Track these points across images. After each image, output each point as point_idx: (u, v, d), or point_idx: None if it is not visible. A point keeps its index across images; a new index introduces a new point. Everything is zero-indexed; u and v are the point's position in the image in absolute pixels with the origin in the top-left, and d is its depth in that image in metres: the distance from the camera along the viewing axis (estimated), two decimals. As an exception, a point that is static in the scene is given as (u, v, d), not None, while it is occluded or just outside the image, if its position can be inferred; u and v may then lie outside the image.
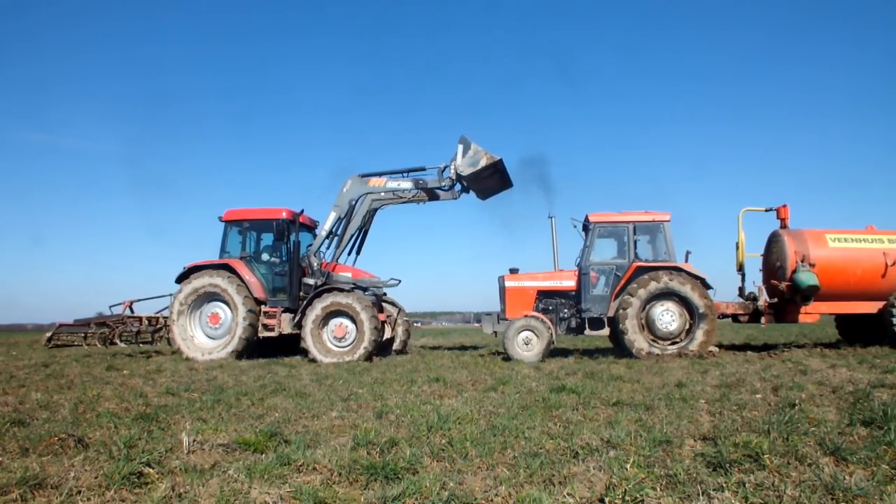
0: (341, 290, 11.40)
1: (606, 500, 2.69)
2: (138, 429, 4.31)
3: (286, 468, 3.26)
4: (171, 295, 12.60)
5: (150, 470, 3.19)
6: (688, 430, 4.10)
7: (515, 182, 12.47)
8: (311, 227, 13.28)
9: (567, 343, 15.06)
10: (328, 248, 12.46)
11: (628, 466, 3.10)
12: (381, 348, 12.35)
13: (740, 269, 12.11)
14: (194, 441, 3.77)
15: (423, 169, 12.01)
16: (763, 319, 11.70)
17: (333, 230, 12.19)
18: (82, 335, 19.49)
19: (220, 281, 11.67)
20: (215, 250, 12.68)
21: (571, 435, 3.95)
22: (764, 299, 11.74)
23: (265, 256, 12.60)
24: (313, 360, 10.84)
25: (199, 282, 11.77)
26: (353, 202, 12.08)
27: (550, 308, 11.46)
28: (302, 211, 12.54)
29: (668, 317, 10.64)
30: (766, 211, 12.22)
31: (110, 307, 19.16)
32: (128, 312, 18.41)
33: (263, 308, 11.85)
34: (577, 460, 3.36)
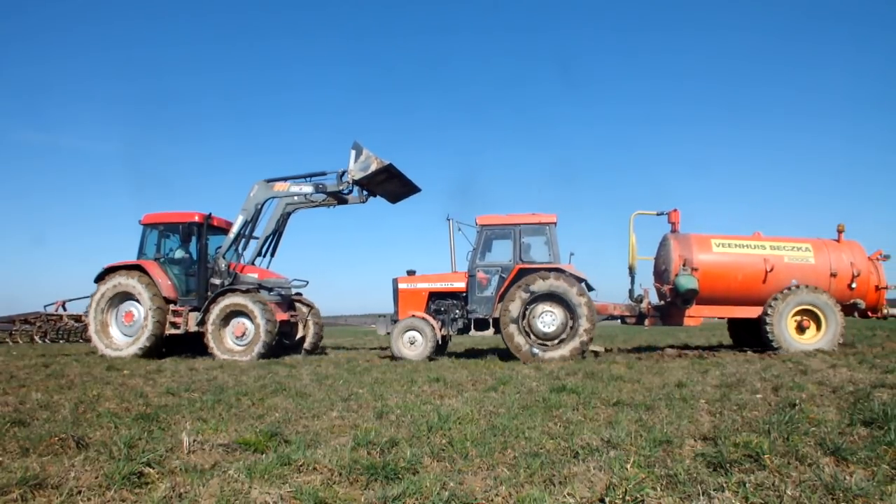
0: (241, 291, 11.92)
1: (607, 500, 2.69)
2: (139, 429, 4.31)
3: (286, 468, 3.26)
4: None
5: (151, 470, 3.19)
6: (688, 430, 4.10)
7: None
8: (225, 230, 13.61)
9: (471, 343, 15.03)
10: (243, 249, 13.13)
11: (629, 466, 3.10)
12: (292, 347, 13.16)
13: (631, 271, 12.21)
14: (195, 441, 3.77)
15: (325, 174, 12.56)
16: (647, 321, 11.87)
17: (242, 233, 12.82)
18: (8, 332, 19.72)
19: (131, 281, 12.31)
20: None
21: (572, 435, 3.95)
22: (647, 301, 11.87)
23: (179, 258, 13.20)
24: (212, 357, 11.52)
25: (114, 282, 12.39)
26: (259, 206, 12.77)
27: (442, 309, 11.67)
28: (209, 214, 13.05)
29: (548, 318, 10.79)
30: (658, 215, 12.33)
31: (45, 306, 19.62)
32: (61, 311, 18.71)
33: (172, 307, 12.39)
34: (577, 460, 3.36)
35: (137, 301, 12.36)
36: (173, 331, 12.30)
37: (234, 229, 12.74)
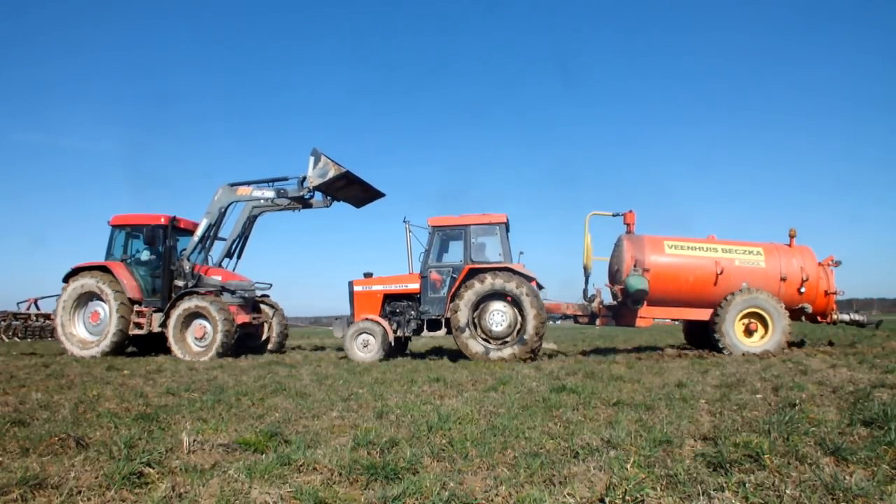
0: (200, 294, 12.17)
1: (607, 500, 2.69)
2: (139, 429, 4.31)
3: (286, 468, 3.26)
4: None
5: (151, 470, 3.19)
6: (688, 430, 4.10)
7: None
8: (192, 232, 13.73)
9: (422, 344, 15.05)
10: (208, 252, 13.41)
11: (629, 466, 3.10)
12: (257, 348, 13.39)
13: (585, 271, 12.26)
14: (195, 441, 3.77)
15: (287, 179, 12.83)
16: (598, 321, 11.93)
17: (206, 235, 13.10)
18: None
19: (97, 282, 12.57)
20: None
21: (572, 435, 3.95)
22: (598, 301, 11.92)
23: (145, 259, 13.43)
24: (175, 356, 11.77)
25: (81, 282, 12.64)
26: (223, 209, 13.06)
27: (397, 311, 11.77)
28: (174, 217, 13.24)
29: (498, 317, 10.89)
30: (614, 216, 12.38)
31: (17, 304, 19.80)
32: (33, 309, 18.84)
33: (136, 307, 12.65)
34: (577, 460, 3.36)
35: (103, 301, 12.62)
36: (137, 331, 12.56)
37: (198, 232, 13.03)
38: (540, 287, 11.12)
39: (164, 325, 12.21)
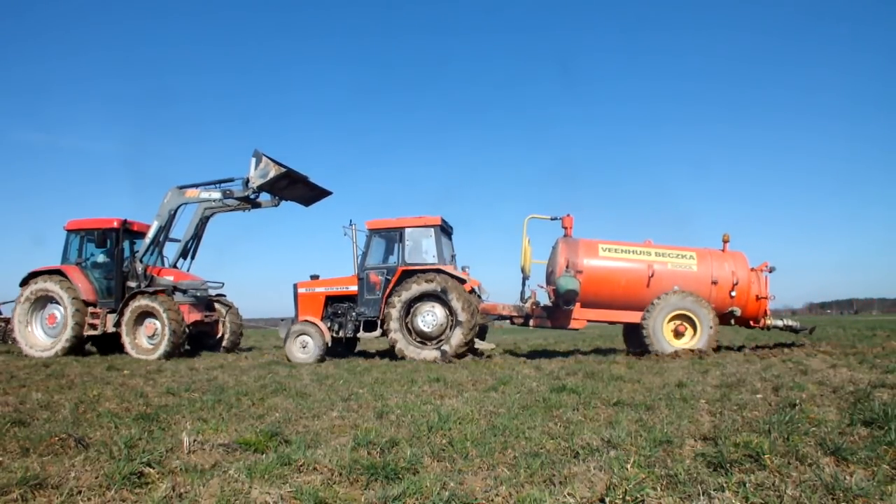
0: (149, 294, 12.42)
1: (607, 500, 2.69)
2: (139, 429, 4.31)
3: (287, 468, 3.26)
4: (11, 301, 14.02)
5: (151, 470, 3.19)
6: (688, 430, 4.10)
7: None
8: (144, 234, 13.96)
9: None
10: (160, 253, 13.70)
11: (629, 466, 3.09)
12: (212, 346, 13.85)
13: (523, 272, 12.31)
14: (195, 441, 3.77)
15: (232, 180, 12.96)
16: (532, 322, 12.04)
17: (157, 237, 13.30)
18: None
19: (52, 285, 12.85)
20: (218, 245, 13.68)
21: (572, 435, 3.95)
22: (532, 302, 12.03)
23: (99, 262, 13.65)
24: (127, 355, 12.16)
25: (37, 286, 12.94)
26: (173, 212, 13.25)
27: (339, 312, 11.94)
28: (126, 220, 13.47)
29: (429, 317, 11.13)
30: (552, 220, 12.43)
31: None
32: None
33: (91, 309, 12.91)
34: (577, 460, 3.36)
35: (59, 304, 12.89)
36: (91, 332, 12.82)
37: (150, 234, 13.23)
38: (477, 291, 11.44)
39: (117, 324, 12.56)
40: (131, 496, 2.88)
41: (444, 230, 12.16)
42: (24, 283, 13.15)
